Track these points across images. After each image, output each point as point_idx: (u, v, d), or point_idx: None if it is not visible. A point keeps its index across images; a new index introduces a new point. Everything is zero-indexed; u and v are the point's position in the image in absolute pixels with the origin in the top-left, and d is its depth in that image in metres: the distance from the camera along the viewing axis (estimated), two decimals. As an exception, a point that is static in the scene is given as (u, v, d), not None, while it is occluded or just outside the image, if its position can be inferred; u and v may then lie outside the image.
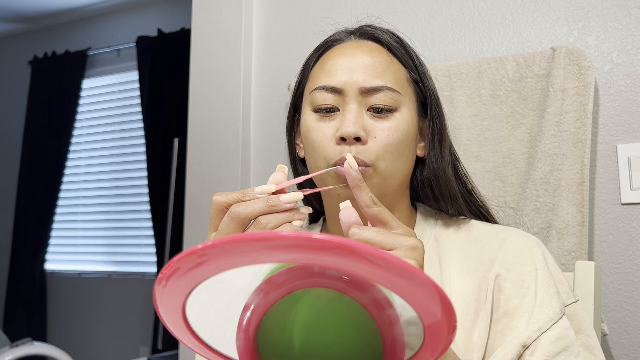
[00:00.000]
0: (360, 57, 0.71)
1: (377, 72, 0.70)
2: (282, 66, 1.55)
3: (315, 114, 0.71)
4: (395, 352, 0.43)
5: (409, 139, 0.71)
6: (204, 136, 1.59)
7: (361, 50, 0.71)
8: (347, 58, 0.71)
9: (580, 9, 1.22)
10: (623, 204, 1.15)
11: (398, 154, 0.69)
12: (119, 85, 3.42)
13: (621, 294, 1.14)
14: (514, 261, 0.70)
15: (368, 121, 0.69)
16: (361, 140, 0.67)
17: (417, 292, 0.38)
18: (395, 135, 0.68)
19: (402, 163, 0.71)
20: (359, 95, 0.69)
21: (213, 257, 0.37)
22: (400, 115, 0.70)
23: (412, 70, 0.74)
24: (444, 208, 0.77)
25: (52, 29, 3.66)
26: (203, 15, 1.63)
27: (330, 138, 0.69)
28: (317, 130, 0.70)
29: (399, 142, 0.69)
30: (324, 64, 0.73)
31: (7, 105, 3.76)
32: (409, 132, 0.70)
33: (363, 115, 0.69)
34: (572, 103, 1.12)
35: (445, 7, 1.35)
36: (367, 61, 0.70)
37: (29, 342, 2.12)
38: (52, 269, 3.50)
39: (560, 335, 0.65)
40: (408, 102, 0.71)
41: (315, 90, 0.71)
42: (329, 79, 0.70)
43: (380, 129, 0.68)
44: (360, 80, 0.69)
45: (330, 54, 0.73)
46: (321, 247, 0.35)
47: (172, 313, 0.43)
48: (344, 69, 0.70)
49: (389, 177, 0.69)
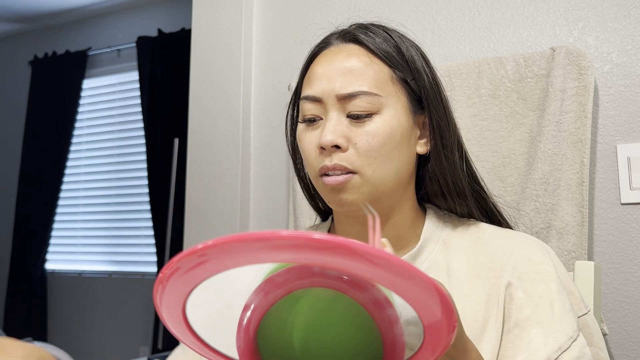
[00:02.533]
0: (338, 64, 0.70)
1: (354, 77, 0.69)
2: (282, 66, 1.55)
3: (304, 124, 0.72)
4: (395, 352, 0.43)
5: (395, 140, 0.69)
6: (204, 136, 1.59)
7: (340, 55, 0.71)
8: (325, 65, 0.71)
9: (580, 9, 1.22)
10: (623, 204, 1.15)
11: (384, 157, 0.68)
12: (119, 86, 3.42)
13: (621, 294, 1.14)
14: (527, 269, 0.69)
15: (348, 128, 0.68)
16: (341, 148, 0.67)
17: (417, 292, 0.38)
18: (375, 139, 0.67)
19: (393, 166, 0.69)
20: (337, 102, 0.68)
21: (213, 257, 0.37)
22: (381, 119, 0.68)
23: (398, 68, 0.71)
24: (453, 207, 0.76)
25: (52, 29, 3.66)
26: (203, 15, 1.63)
27: (315, 147, 0.69)
28: (305, 140, 0.71)
29: (381, 145, 0.68)
30: (309, 74, 0.73)
31: (7, 105, 3.76)
32: (393, 134, 0.69)
33: (343, 122, 0.68)
34: (571, 103, 1.12)
35: (445, 7, 1.35)
36: (345, 67, 0.69)
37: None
38: (53, 268, 3.50)
39: (579, 354, 0.64)
40: (393, 102, 0.69)
41: (301, 101, 0.72)
42: (310, 89, 0.71)
43: (360, 134, 0.67)
44: (337, 87, 0.68)
45: (315, 62, 0.73)
46: (321, 247, 0.35)
47: (173, 313, 0.43)
48: (322, 77, 0.70)
49: (380, 182, 0.68)
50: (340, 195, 0.68)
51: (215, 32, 1.61)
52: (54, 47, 3.60)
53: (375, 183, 0.68)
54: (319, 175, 0.69)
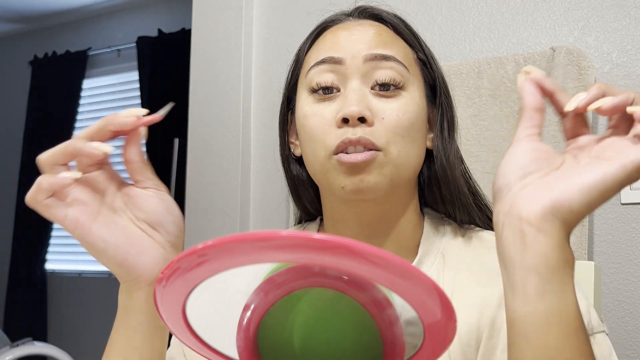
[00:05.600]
0: (362, 30, 0.63)
1: (385, 43, 0.62)
2: (282, 66, 1.55)
3: (313, 96, 0.63)
4: (395, 352, 0.43)
5: (420, 122, 0.63)
6: (204, 136, 1.59)
7: (362, 26, 0.64)
8: (347, 31, 0.64)
9: (580, 9, 1.22)
10: (623, 204, 1.15)
11: (411, 138, 0.61)
12: (120, 85, 3.42)
13: (621, 294, 1.14)
14: None
15: (373, 101, 0.61)
16: (367, 122, 0.59)
17: (417, 292, 0.38)
18: (405, 116, 0.60)
19: (415, 150, 0.63)
20: (363, 65, 0.61)
21: (213, 257, 0.37)
22: (409, 95, 0.62)
23: (419, 51, 0.66)
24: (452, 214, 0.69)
25: (52, 29, 3.66)
26: (203, 15, 1.63)
27: (330, 122, 0.60)
28: (315, 115, 0.62)
29: (411, 124, 0.61)
30: (320, 44, 0.65)
31: (7, 105, 3.76)
32: (419, 114, 0.63)
33: (367, 94, 0.61)
34: (572, 103, 1.12)
35: (445, 7, 1.35)
36: (372, 33, 0.63)
37: (29, 342, 2.12)
38: (52, 268, 3.50)
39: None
40: (417, 83, 0.64)
41: (312, 69, 0.63)
42: (327, 52, 0.63)
43: (389, 109, 0.60)
44: (364, 48, 0.61)
45: (327, 33, 0.66)
46: (321, 247, 0.35)
47: (173, 313, 0.43)
48: (345, 40, 0.63)
49: (402, 166, 0.61)
50: (362, 175, 0.59)
51: (215, 32, 1.60)
52: (54, 47, 3.60)
53: (398, 165, 0.60)
54: (332, 154, 0.60)
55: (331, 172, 0.61)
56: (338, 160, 0.59)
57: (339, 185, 0.60)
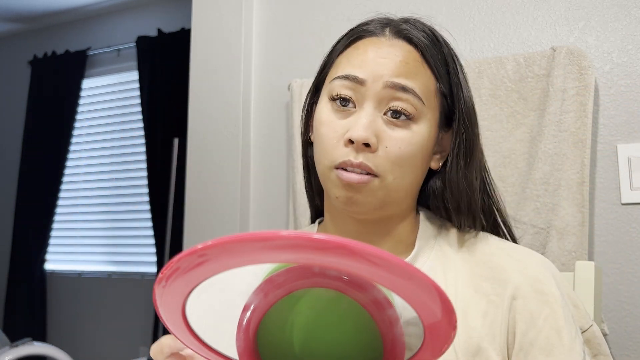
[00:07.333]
0: (393, 53, 0.66)
1: (409, 74, 0.65)
2: (282, 66, 1.55)
3: (331, 103, 0.67)
4: (395, 352, 0.43)
5: (424, 151, 0.66)
6: (204, 136, 1.59)
7: (394, 49, 0.66)
8: (377, 50, 0.66)
9: (580, 9, 1.22)
10: (623, 204, 1.15)
11: (410, 167, 0.65)
12: (119, 85, 3.42)
13: (621, 294, 1.14)
14: (531, 289, 0.65)
15: (382, 126, 0.64)
16: (371, 147, 0.63)
17: (417, 292, 0.38)
18: (407, 148, 0.64)
19: (412, 177, 0.67)
20: (382, 90, 0.64)
21: (213, 257, 0.37)
22: (418, 128, 0.65)
23: (442, 82, 0.68)
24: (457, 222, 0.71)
25: (52, 29, 3.66)
26: (203, 15, 1.63)
27: (339, 137, 0.65)
28: (329, 125, 0.66)
29: (412, 155, 0.65)
30: (350, 55, 0.68)
31: (7, 105, 3.76)
32: (422, 147, 0.66)
33: (378, 119, 0.64)
34: (572, 103, 1.12)
35: (445, 7, 1.35)
36: (400, 60, 0.65)
37: (29, 342, 2.12)
38: (52, 269, 3.50)
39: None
40: (430, 116, 0.67)
41: (336, 79, 0.66)
42: (353, 68, 0.66)
43: (394, 138, 0.64)
44: (387, 74, 0.64)
45: (360, 44, 0.68)
46: (321, 247, 0.35)
47: (172, 313, 0.43)
48: (372, 61, 0.65)
49: (394, 190, 0.65)
50: (354, 195, 0.64)
51: (215, 32, 1.60)
52: (54, 47, 3.60)
53: (391, 190, 0.65)
54: (334, 167, 0.65)
55: (330, 181, 0.66)
56: (337, 175, 0.64)
57: (334, 195, 0.66)
